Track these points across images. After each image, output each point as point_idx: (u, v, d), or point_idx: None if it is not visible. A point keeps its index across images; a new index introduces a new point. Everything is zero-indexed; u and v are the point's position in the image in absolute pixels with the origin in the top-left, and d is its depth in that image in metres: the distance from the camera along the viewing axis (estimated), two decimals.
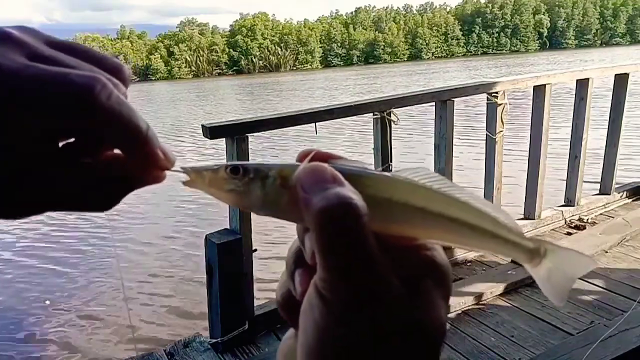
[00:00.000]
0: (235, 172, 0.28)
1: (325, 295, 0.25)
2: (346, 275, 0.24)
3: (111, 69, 0.28)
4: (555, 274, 0.30)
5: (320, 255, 0.25)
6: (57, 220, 7.01)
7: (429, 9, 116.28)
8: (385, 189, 0.27)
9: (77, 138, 0.27)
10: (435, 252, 0.28)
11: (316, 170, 0.26)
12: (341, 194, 0.25)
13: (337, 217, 0.24)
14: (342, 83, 37.35)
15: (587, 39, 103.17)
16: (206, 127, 2.27)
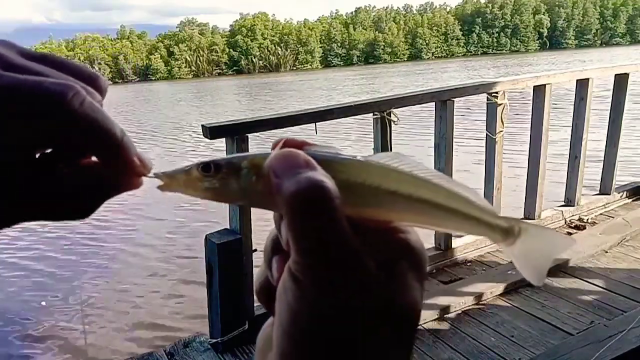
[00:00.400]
0: (207, 170, 0.28)
1: (299, 278, 0.25)
2: (319, 257, 0.24)
3: (87, 78, 0.28)
4: (531, 253, 0.30)
5: (292, 238, 0.25)
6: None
7: (429, 9, 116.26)
8: (357, 174, 0.27)
9: (54, 147, 0.27)
10: (410, 235, 0.28)
11: (288, 156, 0.26)
12: (313, 177, 0.25)
13: (309, 199, 0.24)
14: (340, 83, 37.39)
15: (587, 39, 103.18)
16: (206, 127, 2.27)
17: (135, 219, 6.97)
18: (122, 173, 0.28)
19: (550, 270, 1.43)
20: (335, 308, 0.25)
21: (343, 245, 0.25)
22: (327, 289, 0.25)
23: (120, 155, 0.27)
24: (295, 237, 0.25)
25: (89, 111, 0.25)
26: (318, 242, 0.24)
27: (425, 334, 2.44)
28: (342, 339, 0.25)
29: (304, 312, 0.25)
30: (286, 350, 0.25)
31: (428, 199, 0.28)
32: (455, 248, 3.18)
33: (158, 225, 6.63)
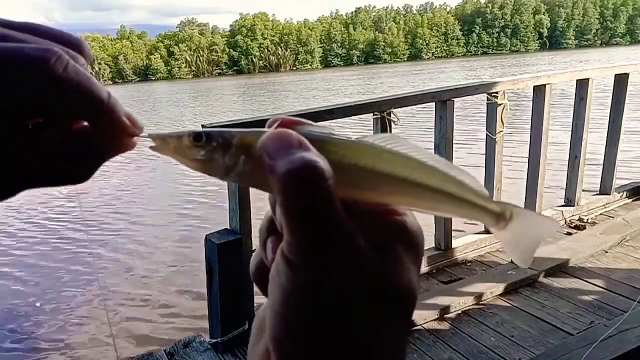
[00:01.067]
0: (198, 140, 0.28)
1: (291, 259, 0.25)
2: (311, 239, 0.24)
3: (69, 43, 0.27)
4: (520, 236, 0.30)
5: (285, 219, 0.24)
6: (56, 220, 7.02)
7: (429, 9, 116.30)
8: (351, 155, 0.27)
9: (41, 114, 0.26)
10: (406, 217, 0.28)
11: (281, 136, 0.26)
12: (306, 157, 0.24)
13: (301, 180, 0.24)
14: (336, 84, 37.47)
15: (587, 39, 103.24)
16: (206, 127, 2.27)
17: (135, 218, 6.98)
18: (113, 135, 0.27)
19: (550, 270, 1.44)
20: (328, 290, 0.24)
21: (336, 226, 0.24)
22: (320, 271, 0.24)
23: (109, 117, 0.27)
24: (288, 218, 0.24)
25: (73, 74, 0.25)
26: (311, 223, 0.24)
27: (425, 334, 2.44)
28: (335, 321, 0.25)
29: (296, 294, 0.24)
30: (278, 331, 0.25)
31: (422, 182, 0.28)
32: (455, 248, 3.18)
33: (157, 224, 6.63)
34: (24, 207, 7.79)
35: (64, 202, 8.06)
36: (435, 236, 3.19)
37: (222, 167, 0.28)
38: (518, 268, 2.93)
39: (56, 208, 7.69)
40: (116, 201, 7.97)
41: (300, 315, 0.25)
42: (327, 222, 0.24)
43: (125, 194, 8.47)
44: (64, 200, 8.17)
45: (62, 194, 8.39)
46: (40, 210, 7.63)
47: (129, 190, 8.76)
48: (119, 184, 9.14)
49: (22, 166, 0.26)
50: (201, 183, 8.50)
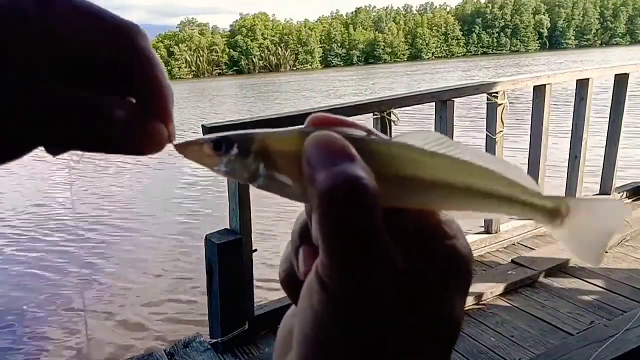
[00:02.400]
0: (218, 148, 0.26)
1: (326, 282, 0.22)
2: (349, 264, 0.22)
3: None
4: (583, 231, 0.26)
5: (322, 238, 0.22)
6: (56, 220, 7.02)
7: (429, 9, 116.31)
8: (399, 161, 0.24)
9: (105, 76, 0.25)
10: (456, 240, 0.25)
11: (324, 142, 0.23)
12: (350, 172, 0.22)
13: (343, 198, 0.21)
14: (331, 84, 37.53)
15: (587, 39, 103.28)
16: (206, 127, 2.27)
17: (135, 218, 6.98)
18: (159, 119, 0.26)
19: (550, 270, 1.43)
20: (362, 317, 0.22)
21: (379, 256, 0.22)
22: (355, 299, 0.22)
23: (163, 102, 0.26)
24: (325, 238, 0.22)
25: (149, 51, 0.25)
26: (350, 247, 0.22)
27: None
28: (367, 350, 0.23)
29: (329, 318, 0.23)
30: (306, 353, 0.24)
31: (471, 185, 0.25)
32: None
33: (157, 224, 6.63)
34: (15, 198, 7.80)
35: (61, 203, 8.07)
36: None
37: (243, 176, 0.26)
38: (518, 268, 2.93)
39: (54, 209, 7.70)
40: (115, 199, 7.97)
41: (330, 340, 0.23)
42: (369, 249, 0.22)
43: (124, 192, 8.47)
44: (62, 201, 8.17)
45: (59, 192, 8.40)
46: (35, 207, 7.63)
47: (128, 189, 8.76)
48: (118, 184, 9.15)
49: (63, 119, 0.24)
50: (201, 183, 8.50)
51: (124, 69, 0.24)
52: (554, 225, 0.26)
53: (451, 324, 0.24)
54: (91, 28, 0.23)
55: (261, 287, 3.56)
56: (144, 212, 7.26)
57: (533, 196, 0.26)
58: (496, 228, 3.33)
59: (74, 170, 10.70)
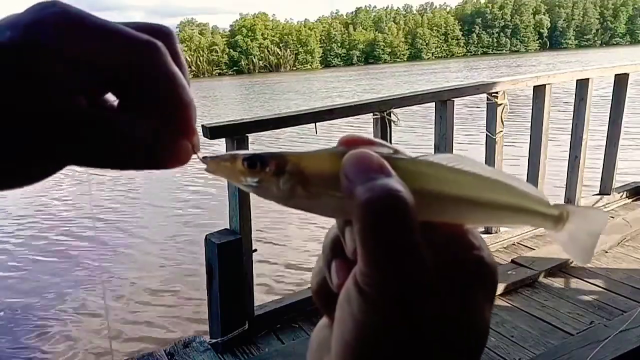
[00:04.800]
0: (252, 166, 0.27)
1: (366, 291, 0.24)
2: (390, 272, 0.23)
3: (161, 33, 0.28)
4: (577, 234, 0.30)
5: (362, 248, 0.23)
6: (55, 220, 7.02)
7: (429, 9, 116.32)
8: (430, 180, 0.26)
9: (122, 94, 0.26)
10: (482, 252, 0.27)
11: (362, 159, 0.25)
12: (389, 185, 0.23)
13: (383, 210, 0.23)
14: (327, 85, 37.59)
15: (587, 39, 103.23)
16: (206, 127, 2.27)
17: (134, 218, 6.98)
18: (176, 142, 0.26)
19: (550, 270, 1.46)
20: (402, 323, 0.24)
21: (417, 262, 0.23)
22: (395, 303, 0.23)
23: (185, 117, 0.26)
24: (365, 247, 0.23)
25: (169, 66, 0.25)
26: (390, 257, 0.23)
27: None
28: (407, 354, 0.24)
29: (369, 327, 0.24)
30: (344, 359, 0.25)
31: (491, 199, 0.28)
32: None
33: (157, 224, 6.63)
34: (28, 201, 7.80)
35: (62, 201, 8.07)
36: None
37: (276, 194, 0.27)
38: (518, 268, 2.93)
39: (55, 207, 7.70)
40: (115, 199, 7.97)
41: (371, 347, 0.24)
42: (408, 258, 0.23)
43: (124, 192, 8.47)
44: (63, 199, 8.17)
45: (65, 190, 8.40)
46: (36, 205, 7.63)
47: (129, 189, 8.76)
48: (118, 183, 9.15)
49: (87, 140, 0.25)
50: (201, 183, 8.50)
51: (143, 87, 0.25)
52: (557, 230, 0.30)
53: (479, 332, 0.26)
54: (106, 48, 0.24)
55: (261, 287, 3.57)
56: (144, 211, 7.26)
57: (543, 206, 0.29)
58: (496, 228, 3.33)
59: (73, 171, 10.69)
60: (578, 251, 0.31)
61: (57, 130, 0.25)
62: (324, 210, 0.27)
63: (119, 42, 0.24)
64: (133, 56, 0.24)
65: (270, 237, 5.11)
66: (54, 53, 0.24)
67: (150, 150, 0.26)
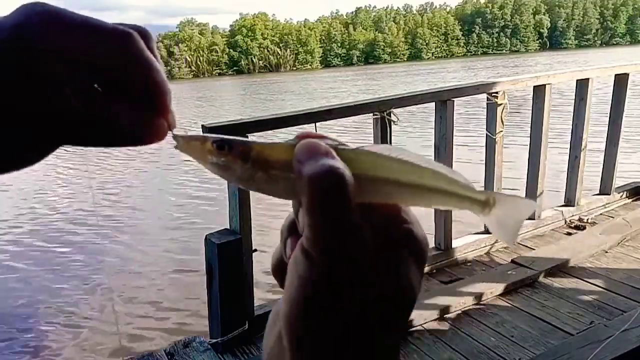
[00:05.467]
0: (221, 148, 0.30)
1: (309, 252, 0.27)
2: (330, 234, 0.27)
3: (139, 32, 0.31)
4: (504, 219, 0.34)
5: (308, 215, 0.27)
6: (56, 219, 7.02)
7: (429, 9, 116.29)
8: (366, 164, 0.31)
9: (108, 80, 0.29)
10: (412, 225, 0.31)
11: (311, 145, 0.29)
12: (332, 163, 0.28)
13: (326, 182, 0.27)
14: (323, 85, 37.60)
15: (587, 39, 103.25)
16: (206, 127, 2.27)
17: (134, 218, 6.98)
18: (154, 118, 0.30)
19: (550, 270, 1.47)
20: (338, 279, 0.27)
21: (352, 226, 0.27)
22: (333, 262, 0.27)
23: (161, 99, 0.30)
24: (310, 215, 0.27)
25: (145, 52, 0.29)
26: (331, 222, 0.27)
27: (425, 334, 2.44)
28: (343, 306, 0.28)
29: (311, 281, 0.27)
30: (291, 314, 0.28)
31: (422, 183, 0.32)
32: (455, 248, 3.18)
33: (157, 224, 6.63)
34: (31, 197, 7.80)
35: (64, 198, 8.07)
36: (435, 236, 3.19)
37: (237, 177, 0.31)
38: (518, 268, 2.93)
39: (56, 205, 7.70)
40: (115, 199, 7.96)
41: (313, 299, 0.27)
42: (345, 222, 0.27)
43: (125, 192, 8.47)
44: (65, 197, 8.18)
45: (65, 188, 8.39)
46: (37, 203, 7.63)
47: (129, 189, 8.76)
48: (119, 184, 9.15)
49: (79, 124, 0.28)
50: (202, 183, 8.50)
51: (124, 72, 0.28)
52: (484, 214, 0.33)
53: (407, 293, 0.30)
54: (92, 43, 0.27)
55: (261, 287, 3.57)
56: (144, 211, 7.26)
57: (470, 191, 0.33)
58: None
59: (73, 170, 10.70)
60: (503, 234, 0.34)
61: (56, 130, 0.28)
62: (279, 191, 0.31)
63: (103, 35, 0.27)
64: (115, 46, 0.28)
65: (270, 237, 5.11)
66: (51, 53, 0.27)
67: (133, 131, 0.29)
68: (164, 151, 11.11)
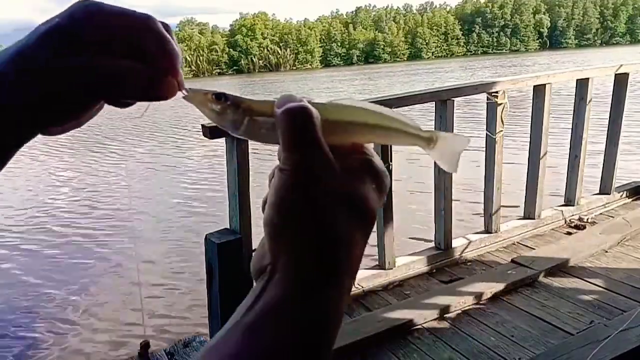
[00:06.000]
0: (218, 98, 0.37)
1: (283, 168, 0.34)
2: (299, 151, 0.34)
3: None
4: (445, 151, 0.43)
5: (282, 140, 0.34)
6: (56, 219, 7.02)
7: (429, 9, 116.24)
8: (331, 111, 0.37)
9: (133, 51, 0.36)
10: (373, 157, 0.38)
11: (289, 95, 0.36)
12: (302, 103, 0.35)
13: (297, 114, 0.34)
14: (319, 85, 37.60)
15: (587, 38, 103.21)
16: (206, 127, 2.27)
17: (134, 218, 6.97)
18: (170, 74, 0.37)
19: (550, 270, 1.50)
20: (307, 186, 0.34)
21: (318, 145, 0.34)
22: (303, 173, 0.34)
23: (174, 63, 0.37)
24: (284, 138, 0.34)
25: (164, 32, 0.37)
26: (300, 140, 0.34)
27: (425, 333, 2.44)
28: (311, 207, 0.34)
29: (285, 188, 0.34)
30: (270, 215, 0.34)
31: (378, 123, 0.39)
32: (455, 248, 3.18)
33: (157, 224, 6.63)
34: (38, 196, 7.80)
35: (67, 195, 8.07)
36: (435, 236, 3.19)
37: (231, 121, 0.38)
38: (518, 268, 2.93)
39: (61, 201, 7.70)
40: (115, 199, 7.96)
41: (287, 201, 0.34)
42: (312, 141, 0.34)
43: (125, 192, 8.46)
44: (69, 193, 8.17)
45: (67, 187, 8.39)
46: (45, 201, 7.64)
47: (129, 189, 8.75)
48: (119, 183, 9.15)
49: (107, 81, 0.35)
50: (202, 183, 8.50)
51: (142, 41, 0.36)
52: (429, 148, 0.42)
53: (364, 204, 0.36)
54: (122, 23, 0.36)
55: None
56: (144, 211, 7.25)
57: (417, 130, 0.41)
58: (496, 227, 3.33)
59: (72, 170, 10.70)
60: (445, 164, 0.43)
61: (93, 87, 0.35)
62: (261, 135, 0.37)
63: (131, 16, 0.36)
64: (139, 22, 0.36)
65: None
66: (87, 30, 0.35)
67: (152, 86, 0.36)
68: (164, 151, 11.07)
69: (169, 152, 12.19)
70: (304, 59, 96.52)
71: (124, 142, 14.25)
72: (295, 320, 0.33)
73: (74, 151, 13.06)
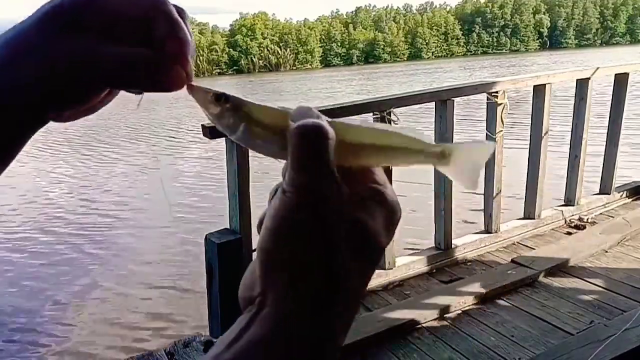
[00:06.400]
0: (217, 99, 0.35)
1: (286, 189, 0.31)
2: (307, 172, 0.31)
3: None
4: (464, 166, 0.36)
5: (292, 159, 0.31)
6: (55, 219, 7.03)
7: (429, 9, 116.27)
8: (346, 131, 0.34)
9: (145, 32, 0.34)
10: (385, 188, 0.35)
11: (306, 109, 0.33)
12: (317, 121, 0.32)
13: (311, 132, 0.31)
14: (317, 85, 37.63)
15: (587, 38, 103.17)
16: (206, 127, 2.27)
17: (134, 218, 6.98)
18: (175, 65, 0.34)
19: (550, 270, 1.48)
20: (310, 213, 0.31)
21: (328, 168, 0.31)
22: (307, 197, 0.31)
23: (182, 54, 0.34)
24: (293, 157, 0.31)
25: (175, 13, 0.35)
26: (309, 162, 0.31)
27: (425, 333, 2.44)
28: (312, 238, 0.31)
29: (284, 213, 0.31)
30: (265, 241, 0.31)
31: (398, 145, 0.35)
32: (455, 248, 3.18)
33: (157, 224, 6.63)
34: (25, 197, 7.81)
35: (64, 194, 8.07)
36: (435, 236, 3.19)
37: (226, 126, 0.35)
38: (518, 267, 2.93)
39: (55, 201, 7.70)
40: (116, 198, 7.97)
41: (283, 228, 0.31)
42: (322, 163, 0.31)
43: (125, 192, 8.47)
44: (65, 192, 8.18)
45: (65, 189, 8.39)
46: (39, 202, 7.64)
47: (130, 188, 8.76)
48: (119, 184, 9.15)
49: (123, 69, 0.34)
50: (202, 183, 8.50)
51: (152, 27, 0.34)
52: (442, 165, 0.36)
53: (372, 239, 0.33)
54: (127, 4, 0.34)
55: None
56: (144, 211, 7.26)
57: (424, 146, 0.35)
58: (496, 228, 3.33)
59: (72, 169, 10.70)
60: (464, 180, 0.37)
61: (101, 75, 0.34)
62: (257, 146, 0.35)
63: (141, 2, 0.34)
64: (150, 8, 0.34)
65: None
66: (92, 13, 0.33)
67: (155, 74, 0.34)
68: (163, 154, 11.10)
69: (169, 152, 12.19)
70: (304, 59, 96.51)
71: (124, 142, 14.25)
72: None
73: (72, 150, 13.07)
